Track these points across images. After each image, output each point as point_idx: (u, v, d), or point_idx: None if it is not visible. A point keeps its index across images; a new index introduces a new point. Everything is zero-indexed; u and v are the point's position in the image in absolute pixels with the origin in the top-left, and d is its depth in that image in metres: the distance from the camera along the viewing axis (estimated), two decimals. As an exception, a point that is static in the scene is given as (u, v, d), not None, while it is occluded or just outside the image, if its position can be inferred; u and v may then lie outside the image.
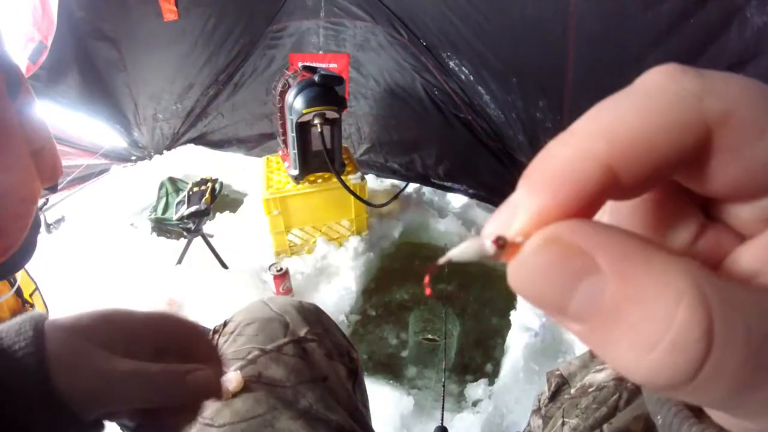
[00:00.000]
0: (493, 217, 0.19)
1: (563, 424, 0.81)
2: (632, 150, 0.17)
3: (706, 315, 0.15)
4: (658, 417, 0.25)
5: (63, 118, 3.13)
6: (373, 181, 3.07)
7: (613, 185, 0.17)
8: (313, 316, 0.96)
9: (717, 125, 0.17)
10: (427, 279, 0.23)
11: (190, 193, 2.39)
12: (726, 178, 0.18)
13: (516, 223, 0.18)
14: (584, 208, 0.17)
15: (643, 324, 0.15)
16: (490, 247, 0.19)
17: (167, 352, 0.52)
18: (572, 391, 0.89)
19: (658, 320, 0.15)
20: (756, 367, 0.16)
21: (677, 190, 0.21)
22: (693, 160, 0.17)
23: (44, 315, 0.46)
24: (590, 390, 0.74)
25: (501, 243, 0.18)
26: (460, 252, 0.20)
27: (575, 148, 0.18)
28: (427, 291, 0.25)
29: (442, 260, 0.21)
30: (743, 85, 0.18)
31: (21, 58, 2.74)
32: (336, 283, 2.41)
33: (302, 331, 0.89)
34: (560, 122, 2.31)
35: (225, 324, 0.96)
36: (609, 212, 0.23)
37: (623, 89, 0.19)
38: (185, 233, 2.42)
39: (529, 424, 0.98)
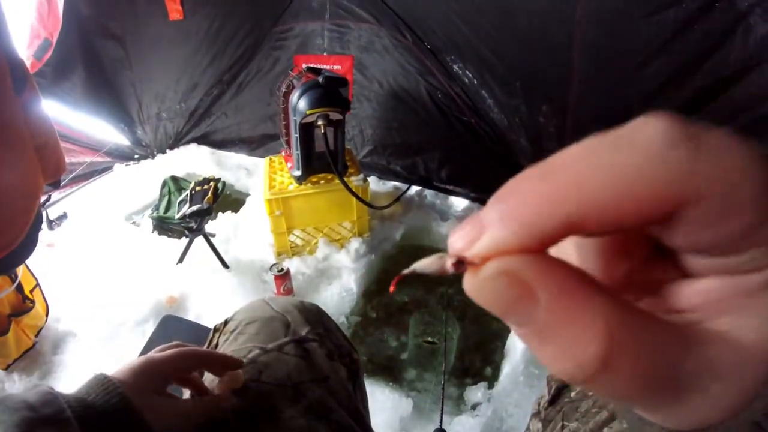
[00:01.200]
0: (460, 230, 0.22)
1: (563, 427, 0.81)
2: (599, 214, 0.19)
3: (606, 346, 0.19)
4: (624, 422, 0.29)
5: (67, 115, 3.14)
6: (375, 184, 3.07)
7: (574, 233, 0.20)
8: (315, 316, 0.96)
9: (688, 203, 0.18)
10: (393, 287, 0.27)
11: (193, 192, 2.40)
12: (682, 239, 0.20)
13: (478, 248, 0.21)
14: (543, 242, 0.20)
15: (562, 343, 0.19)
16: (450, 267, 0.22)
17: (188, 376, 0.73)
18: (572, 394, 0.88)
19: (573, 344, 0.19)
20: (643, 386, 0.20)
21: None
22: (659, 221, 0.19)
23: (109, 376, 0.60)
24: (590, 393, 0.74)
25: (460, 265, 0.21)
26: (424, 266, 0.23)
27: (547, 198, 0.19)
28: (392, 289, 0.27)
29: (406, 271, 0.24)
30: (733, 164, 0.19)
31: (26, 54, 2.75)
32: (337, 285, 2.41)
33: (303, 331, 0.90)
34: (563, 127, 2.31)
35: (226, 322, 0.96)
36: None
37: (616, 131, 0.20)
38: (187, 232, 2.42)
39: (528, 428, 0.98)
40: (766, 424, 0.23)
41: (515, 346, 2.07)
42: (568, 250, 0.27)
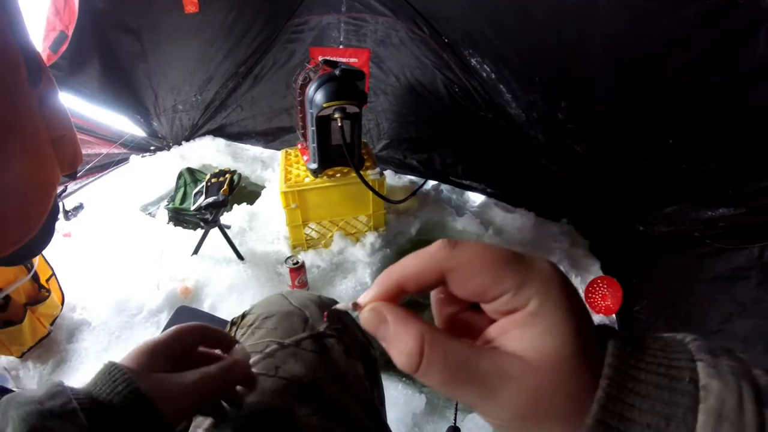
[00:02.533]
0: (363, 294, 0.41)
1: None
2: (411, 282, 0.38)
3: (419, 345, 0.34)
4: None
5: (83, 107, 3.15)
6: (391, 178, 3.06)
7: (404, 292, 0.39)
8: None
9: (447, 273, 0.36)
10: (324, 319, 0.73)
11: (208, 184, 2.40)
12: (459, 291, 0.37)
13: (362, 298, 0.40)
14: (392, 297, 0.39)
15: (398, 346, 0.36)
16: (351, 308, 0.41)
17: (193, 356, 0.69)
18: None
19: (403, 345, 0.35)
20: (452, 374, 0.34)
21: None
22: (440, 284, 0.38)
23: (117, 364, 0.58)
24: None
25: (356, 306, 0.40)
26: (340, 306, 0.44)
27: (389, 275, 0.39)
28: (325, 318, 0.69)
29: (333, 308, 0.45)
30: (471, 255, 0.36)
31: (42, 47, 2.76)
32: (352, 279, 2.41)
33: (321, 327, 0.89)
34: (582, 123, 2.28)
35: (243, 316, 0.96)
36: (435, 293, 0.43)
37: (420, 250, 0.38)
38: (202, 224, 2.43)
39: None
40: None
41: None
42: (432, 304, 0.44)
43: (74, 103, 3.07)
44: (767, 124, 1.76)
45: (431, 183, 3.03)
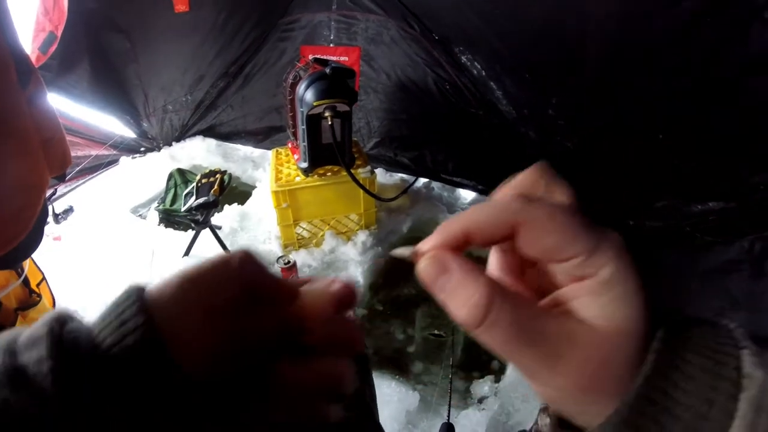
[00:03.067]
0: (423, 241, 0.37)
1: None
2: (477, 231, 0.35)
3: (486, 298, 0.32)
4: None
5: (73, 108, 3.13)
6: (382, 176, 3.06)
7: (468, 243, 0.35)
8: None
9: (520, 227, 0.33)
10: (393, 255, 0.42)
11: (199, 184, 2.39)
12: (528, 249, 0.34)
13: (424, 245, 0.36)
14: (456, 246, 0.35)
15: (461, 297, 0.33)
16: (410, 256, 0.37)
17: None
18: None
19: (468, 296, 0.32)
20: (518, 333, 0.32)
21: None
22: (509, 239, 0.34)
23: (136, 292, 0.39)
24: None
25: (416, 255, 0.36)
26: (398, 252, 0.39)
27: (456, 223, 0.35)
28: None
29: (391, 252, 0.40)
30: (550, 209, 0.34)
31: (32, 48, 2.74)
32: (343, 277, 2.40)
33: None
34: (573, 119, 2.29)
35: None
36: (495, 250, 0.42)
37: (490, 200, 0.36)
38: (193, 225, 2.42)
39: (536, 422, 0.97)
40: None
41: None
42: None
43: (63, 105, 3.06)
44: (757, 120, 1.77)
45: (422, 180, 3.03)
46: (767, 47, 1.66)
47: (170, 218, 2.92)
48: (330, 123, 2.06)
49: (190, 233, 2.49)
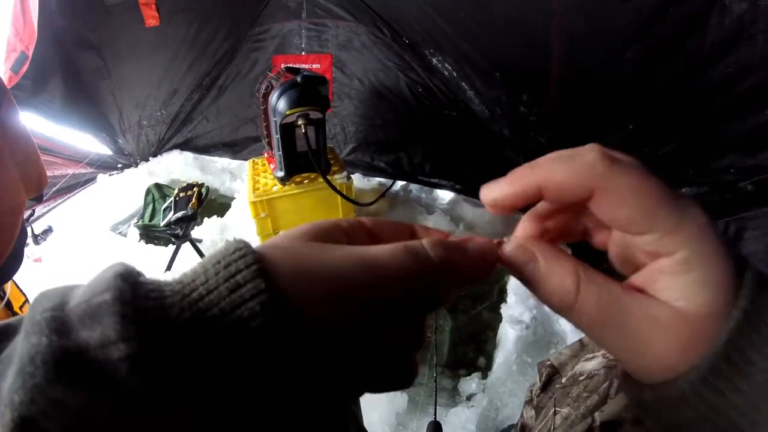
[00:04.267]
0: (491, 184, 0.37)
1: (555, 413, 0.81)
2: (553, 188, 0.33)
3: (576, 281, 0.33)
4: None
5: (47, 127, 3.11)
6: (359, 180, 3.07)
7: (539, 198, 0.35)
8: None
9: (599, 192, 0.32)
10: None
11: (177, 198, 2.39)
12: (603, 214, 0.33)
13: (497, 193, 0.36)
14: (527, 199, 0.35)
15: (552, 282, 0.33)
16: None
17: None
18: (563, 380, 0.89)
19: (559, 281, 0.33)
20: (603, 315, 0.32)
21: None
22: (585, 201, 0.33)
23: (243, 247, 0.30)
24: (581, 378, 0.74)
25: (499, 244, 0.36)
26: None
27: (530, 173, 0.34)
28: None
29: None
30: (634, 178, 0.32)
31: (3, 69, 2.73)
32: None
33: None
34: (545, 115, 2.32)
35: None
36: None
37: (572, 150, 0.34)
38: (173, 239, 2.41)
39: (522, 416, 0.98)
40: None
41: (507, 335, 2.07)
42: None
43: (38, 124, 3.04)
44: (721, 106, 1.81)
45: (400, 183, 3.05)
46: (729, 33, 1.70)
47: (150, 234, 2.91)
48: (303, 131, 2.06)
49: (171, 248, 2.48)
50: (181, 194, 2.40)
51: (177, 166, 3.49)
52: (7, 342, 0.26)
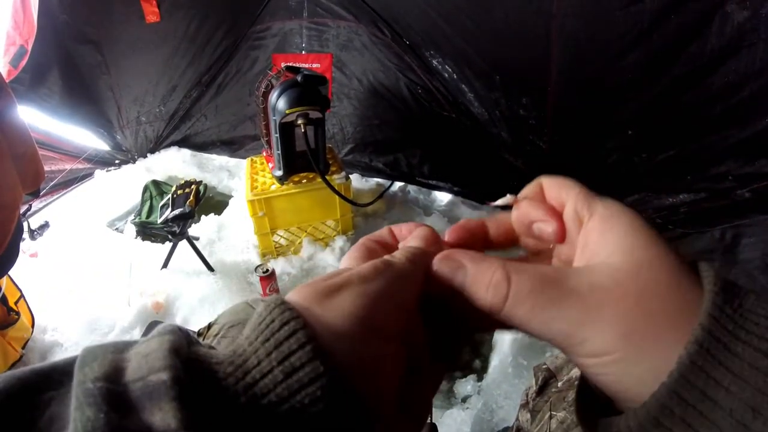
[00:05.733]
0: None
1: (551, 417, 0.82)
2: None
3: (504, 273, 0.33)
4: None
5: (45, 122, 3.10)
6: (357, 181, 3.07)
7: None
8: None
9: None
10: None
11: (174, 196, 2.38)
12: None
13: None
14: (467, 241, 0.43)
15: (482, 282, 0.33)
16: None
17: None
18: (559, 384, 0.89)
19: (488, 278, 0.33)
20: (543, 297, 0.31)
21: None
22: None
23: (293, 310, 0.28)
24: (576, 383, 0.75)
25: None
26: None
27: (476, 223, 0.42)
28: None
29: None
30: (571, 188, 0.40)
31: (2, 63, 2.72)
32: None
33: None
34: (544, 119, 2.32)
35: (209, 326, 0.96)
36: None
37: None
38: (170, 237, 2.41)
39: (517, 419, 0.99)
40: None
41: (503, 338, 2.07)
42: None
43: (36, 118, 3.02)
44: (720, 113, 1.81)
45: (398, 184, 3.05)
46: (730, 40, 1.70)
47: (147, 231, 2.90)
48: (303, 130, 2.06)
49: (168, 245, 2.48)
50: (179, 191, 2.39)
51: (175, 163, 3.48)
52: (50, 391, 0.24)
